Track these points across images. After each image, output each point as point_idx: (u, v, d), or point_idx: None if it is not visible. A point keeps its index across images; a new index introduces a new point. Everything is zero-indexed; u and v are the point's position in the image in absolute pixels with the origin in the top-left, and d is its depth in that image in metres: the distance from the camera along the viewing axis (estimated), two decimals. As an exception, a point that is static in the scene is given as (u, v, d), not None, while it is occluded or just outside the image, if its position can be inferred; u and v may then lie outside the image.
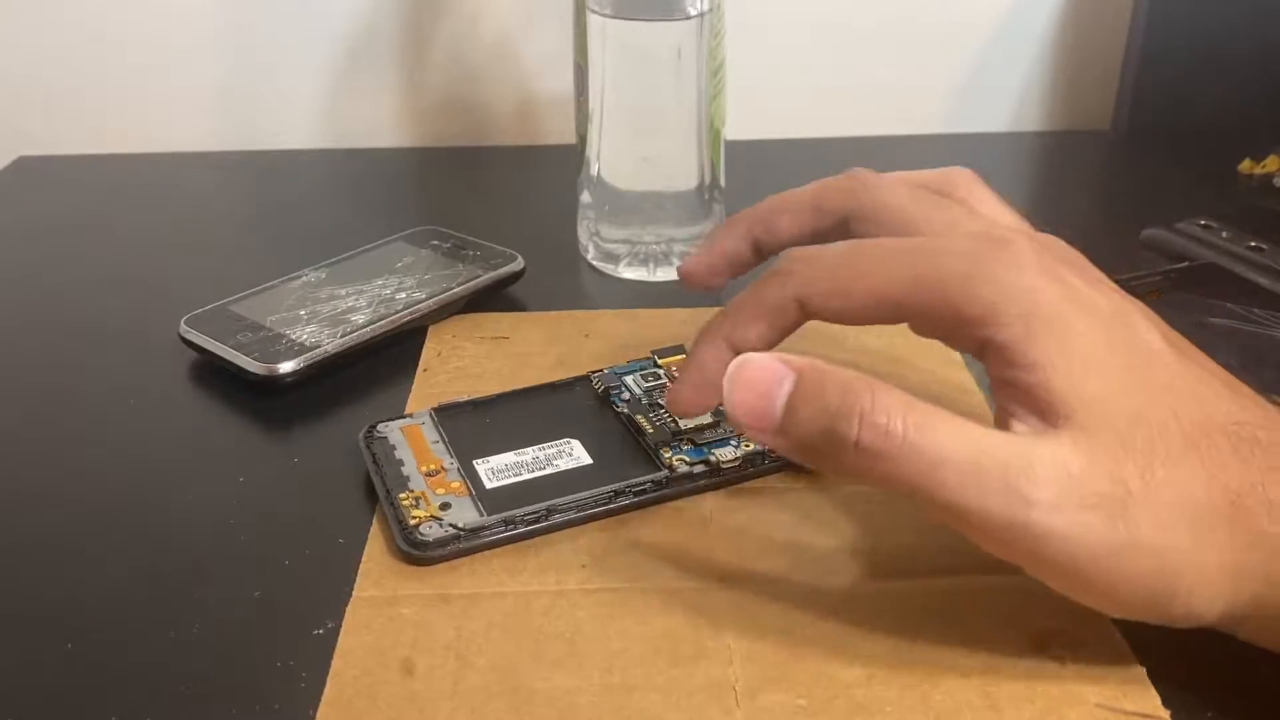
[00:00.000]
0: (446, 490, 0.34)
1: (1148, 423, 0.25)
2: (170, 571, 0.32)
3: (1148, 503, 0.24)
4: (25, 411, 0.41)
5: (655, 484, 0.34)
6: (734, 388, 0.27)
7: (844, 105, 0.68)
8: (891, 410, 0.25)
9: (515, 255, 0.48)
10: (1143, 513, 0.24)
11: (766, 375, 0.27)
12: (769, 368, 0.27)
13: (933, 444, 0.25)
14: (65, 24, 0.66)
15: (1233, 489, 0.25)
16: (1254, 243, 0.49)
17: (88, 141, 0.67)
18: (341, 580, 0.31)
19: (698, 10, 0.45)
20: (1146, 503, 0.24)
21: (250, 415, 0.40)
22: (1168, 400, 0.25)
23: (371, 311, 0.44)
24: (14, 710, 0.28)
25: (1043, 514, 0.24)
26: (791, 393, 0.26)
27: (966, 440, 0.25)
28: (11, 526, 0.34)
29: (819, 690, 0.27)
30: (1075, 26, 0.68)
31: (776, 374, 0.27)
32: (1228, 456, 0.25)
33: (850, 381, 0.26)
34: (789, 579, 0.31)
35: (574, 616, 0.30)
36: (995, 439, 0.25)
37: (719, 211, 0.50)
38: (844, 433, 0.25)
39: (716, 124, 0.49)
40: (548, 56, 0.67)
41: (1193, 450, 0.25)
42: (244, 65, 0.67)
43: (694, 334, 0.32)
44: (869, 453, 0.25)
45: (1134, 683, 0.27)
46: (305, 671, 0.28)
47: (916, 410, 0.25)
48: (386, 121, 0.69)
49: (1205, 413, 0.25)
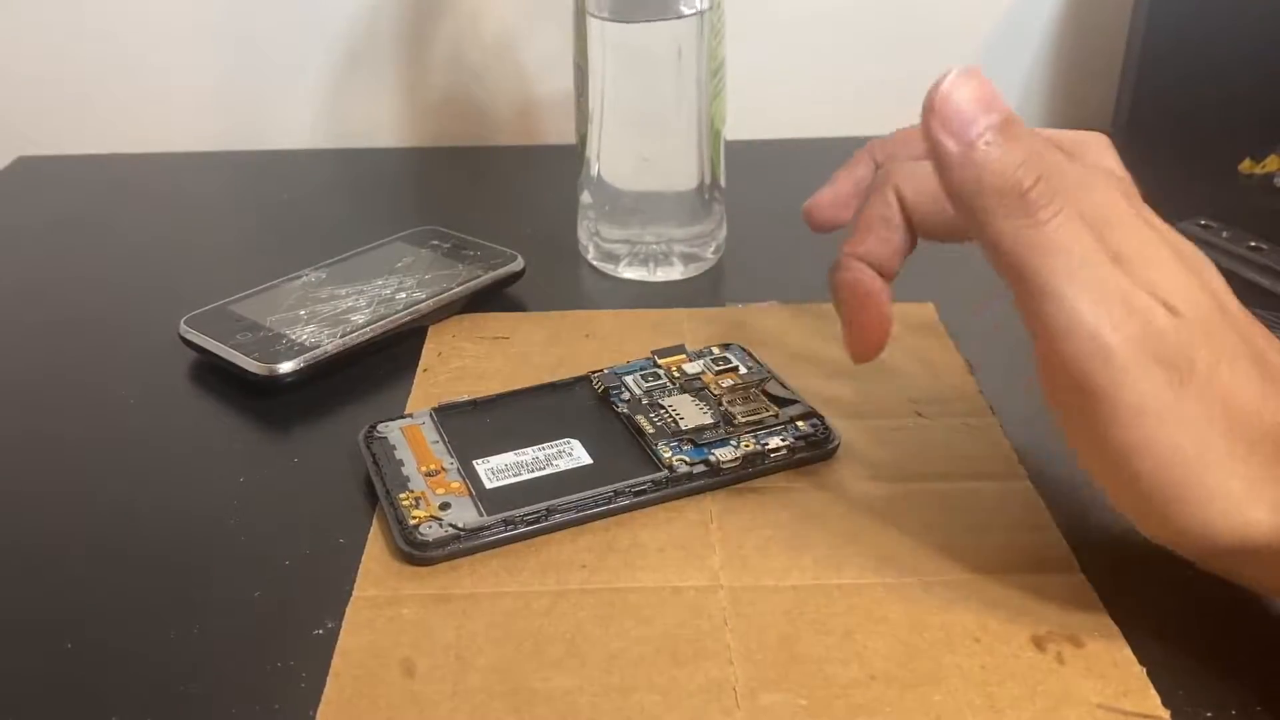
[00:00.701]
0: (446, 490, 0.34)
1: (1229, 336, 0.26)
2: (170, 571, 0.32)
3: (1206, 388, 0.26)
4: (25, 412, 0.41)
5: (655, 484, 0.34)
6: (955, 84, 0.28)
7: (844, 105, 0.68)
8: (1064, 184, 0.27)
9: (515, 255, 0.48)
10: (1197, 393, 0.25)
11: (990, 91, 0.28)
12: (991, 89, 0.28)
13: (1075, 233, 0.26)
14: (65, 24, 0.66)
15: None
16: (1254, 243, 0.49)
17: (88, 141, 0.67)
18: (341, 580, 0.31)
19: (697, 9, 0.45)
20: (1205, 387, 0.26)
21: (250, 415, 0.40)
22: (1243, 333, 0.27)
23: (371, 311, 0.44)
24: (14, 710, 0.28)
25: (1120, 338, 0.26)
26: (1005, 118, 0.27)
27: (1102, 260, 0.26)
28: (11, 526, 0.34)
29: (819, 690, 0.27)
30: (1075, 26, 0.68)
31: (994, 97, 0.28)
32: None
33: (1044, 145, 0.27)
34: (789, 578, 0.31)
35: (574, 616, 0.30)
36: (1124, 279, 0.26)
37: (719, 211, 0.50)
38: (1020, 180, 0.27)
39: (716, 124, 0.49)
40: (548, 56, 0.67)
41: (1258, 373, 0.26)
42: (244, 65, 0.67)
43: (694, 334, 0.32)
44: (1028, 206, 0.26)
45: (1134, 683, 0.27)
46: (305, 671, 0.28)
47: (1076, 202, 0.27)
48: (386, 121, 0.69)
49: (1272, 360, 0.27)
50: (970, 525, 0.33)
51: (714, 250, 0.50)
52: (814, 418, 0.36)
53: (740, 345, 0.41)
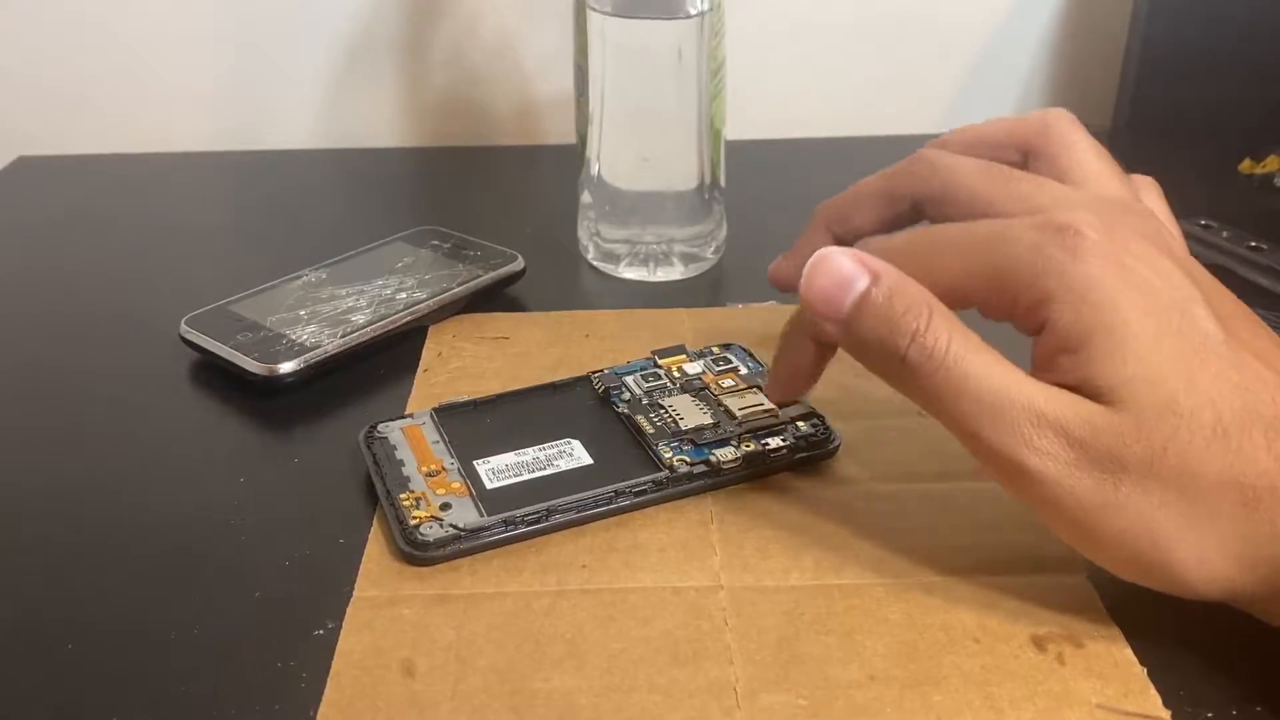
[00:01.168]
0: (447, 490, 0.34)
1: (1178, 411, 0.26)
2: (170, 571, 0.32)
3: (1145, 479, 0.26)
4: (25, 412, 0.41)
5: (655, 484, 0.34)
6: (814, 272, 0.29)
7: (844, 105, 0.68)
8: (940, 335, 0.27)
9: (515, 255, 0.48)
10: (1136, 486, 0.26)
11: (846, 269, 0.29)
12: (850, 263, 0.29)
13: (964, 375, 0.27)
14: (65, 24, 0.66)
15: (1249, 484, 0.25)
16: (1254, 243, 0.49)
17: (88, 141, 0.67)
18: (341, 580, 0.31)
19: (698, 9, 0.45)
20: (1143, 478, 0.26)
21: (250, 415, 0.40)
22: (1210, 389, 0.26)
23: (371, 311, 0.44)
24: (15, 710, 0.28)
25: (1039, 459, 0.26)
26: (863, 293, 0.28)
27: (994, 377, 0.27)
28: (11, 527, 0.34)
29: (819, 690, 0.27)
30: (1075, 26, 0.68)
31: (855, 271, 0.29)
32: (1259, 451, 0.25)
33: (915, 300, 0.28)
34: (789, 579, 0.31)
35: (574, 617, 0.30)
36: (1021, 384, 0.27)
37: (719, 211, 0.50)
38: (896, 344, 0.28)
39: (716, 124, 0.49)
40: (548, 56, 0.67)
41: (1219, 440, 0.25)
42: (244, 65, 0.67)
43: (694, 334, 0.32)
44: (910, 367, 0.28)
45: (1134, 683, 0.27)
46: (305, 671, 0.28)
47: (961, 341, 0.27)
48: (386, 121, 0.69)
49: (1246, 404, 0.26)
50: (970, 525, 0.33)
51: (714, 250, 0.50)
52: (814, 418, 0.36)
53: (740, 345, 0.41)
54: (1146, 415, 0.26)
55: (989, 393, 0.27)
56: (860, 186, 0.36)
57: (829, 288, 0.29)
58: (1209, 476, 0.25)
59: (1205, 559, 0.26)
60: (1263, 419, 0.26)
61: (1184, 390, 0.26)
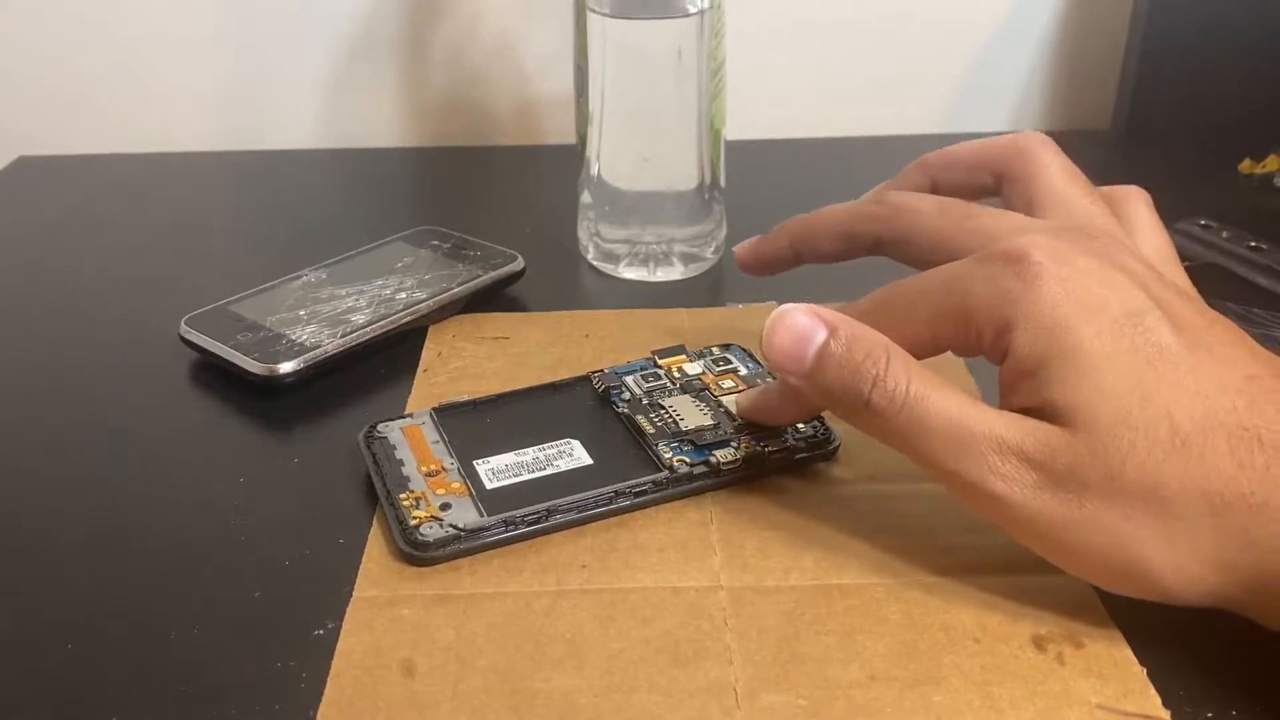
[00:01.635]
0: (447, 491, 0.34)
1: (1133, 424, 0.26)
2: (170, 571, 0.32)
3: (1108, 495, 0.26)
4: (24, 412, 0.41)
5: (655, 484, 0.34)
6: (773, 330, 0.30)
7: (844, 105, 0.68)
8: (899, 378, 0.28)
9: (515, 255, 0.48)
10: (1100, 502, 0.26)
11: (804, 325, 0.30)
12: (807, 318, 0.30)
13: (926, 412, 0.28)
14: (65, 24, 0.66)
15: (1215, 491, 0.25)
16: (1254, 243, 0.49)
17: (88, 141, 0.67)
18: (341, 580, 0.31)
19: (697, 9, 0.45)
20: (1107, 495, 0.26)
21: (250, 415, 0.40)
22: (1166, 399, 0.26)
23: (371, 312, 0.44)
24: (15, 710, 0.28)
25: (1004, 485, 0.27)
26: (822, 345, 0.30)
27: (954, 411, 0.28)
28: (11, 527, 0.34)
29: (819, 690, 0.27)
30: (1075, 26, 0.68)
31: (812, 326, 0.30)
32: (1222, 459, 0.25)
33: (872, 346, 0.29)
34: (789, 579, 0.31)
35: (574, 617, 0.30)
36: (982, 414, 0.28)
37: (719, 211, 0.50)
38: (859, 390, 0.29)
39: (716, 124, 0.49)
40: (548, 56, 0.67)
41: (1179, 450, 0.26)
42: (244, 65, 0.67)
43: (694, 334, 0.32)
44: (875, 410, 0.29)
45: (1134, 683, 0.27)
46: (305, 672, 0.28)
47: (920, 381, 0.28)
48: (386, 121, 0.69)
49: (1208, 410, 0.26)
50: (970, 525, 0.33)
51: (714, 250, 0.50)
52: (814, 418, 0.36)
53: (740, 345, 0.41)
54: (1102, 432, 0.26)
55: (951, 426, 0.28)
56: (826, 216, 0.36)
57: (789, 344, 0.30)
58: (1172, 486, 0.26)
59: (1181, 567, 0.26)
60: (1225, 426, 0.26)
61: (1138, 404, 0.26)
